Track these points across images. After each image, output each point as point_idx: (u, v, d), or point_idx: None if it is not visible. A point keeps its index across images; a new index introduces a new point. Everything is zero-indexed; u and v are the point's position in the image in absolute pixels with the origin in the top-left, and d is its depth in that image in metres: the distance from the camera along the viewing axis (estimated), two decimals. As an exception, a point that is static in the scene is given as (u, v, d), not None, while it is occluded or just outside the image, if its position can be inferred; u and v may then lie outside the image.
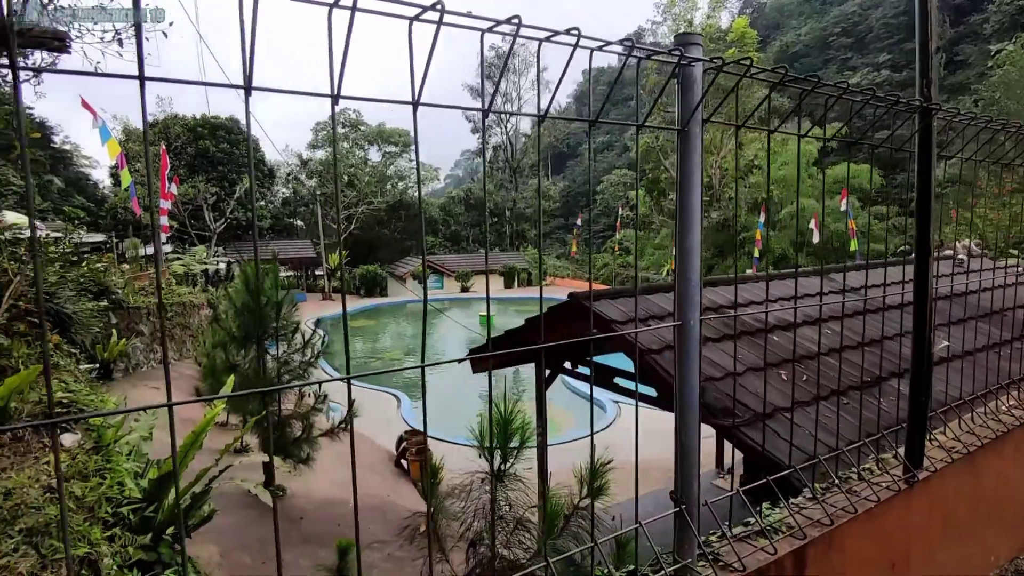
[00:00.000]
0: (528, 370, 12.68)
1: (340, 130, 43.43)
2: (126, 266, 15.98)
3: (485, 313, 27.64)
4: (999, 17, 42.40)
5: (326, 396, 7.86)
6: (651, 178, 37.22)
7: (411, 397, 16.30)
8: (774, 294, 7.13)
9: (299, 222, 41.80)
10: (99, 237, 22.95)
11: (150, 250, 22.89)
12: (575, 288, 36.72)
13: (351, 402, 1.14)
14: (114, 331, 11.33)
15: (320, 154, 41.43)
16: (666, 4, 38.15)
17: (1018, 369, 4.10)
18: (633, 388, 6.46)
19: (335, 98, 0.92)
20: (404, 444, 9.77)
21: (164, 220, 18.34)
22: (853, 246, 19.25)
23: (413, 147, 48.58)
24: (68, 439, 3.83)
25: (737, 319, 6.16)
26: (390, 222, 44.37)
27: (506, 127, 49.31)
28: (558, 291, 37.85)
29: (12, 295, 4.83)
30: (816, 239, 24.12)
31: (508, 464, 2.93)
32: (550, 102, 1.11)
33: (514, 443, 3.07)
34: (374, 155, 45.56)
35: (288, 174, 40.86)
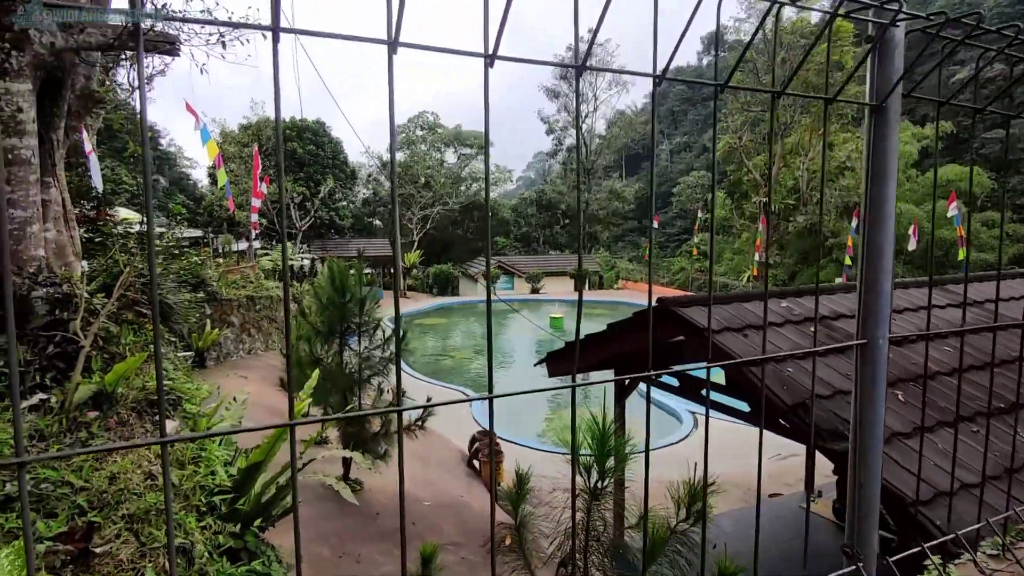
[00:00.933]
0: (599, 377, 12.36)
1: (418, 132, 44.49)
2: (220, 260, 16.93)
3: (555, 315, 27.23)
4: None
5: (404, 392, 7.89)
6: (732, 180, 35.74)
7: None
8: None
9: (378, 222, 43.15)
10: (197, 232, 24.51)
11: (242, 245, 24.21)
12: (654, 293, 35.98)
13: (491, 426, 0.98)
14: (208, 321, 11.96)
15: (400, 156, 42.54)
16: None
17: None
18: (723, 401, 6.03)
19: (489, 58, 0.77)
20: (476, 445, 9.72)
21: (255, 217, 19.31)
22: (961, 255, 17.62)
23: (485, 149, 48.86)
24: (169, 425, 3.96)
25: (837, 330, 5.66)
26: (463, 222, 44.99)
27: (581, 127, 48.83)
28: (629, 295, 37.04)
29: (122, 284, 5.11)
30: (912, 246, 22.31)
31: (605, 482, 2.72)
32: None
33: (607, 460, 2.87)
34: (450, 157, 46.36)
35: (369, 175, 42.23)
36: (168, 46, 5.57)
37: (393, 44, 0.72)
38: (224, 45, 7.52)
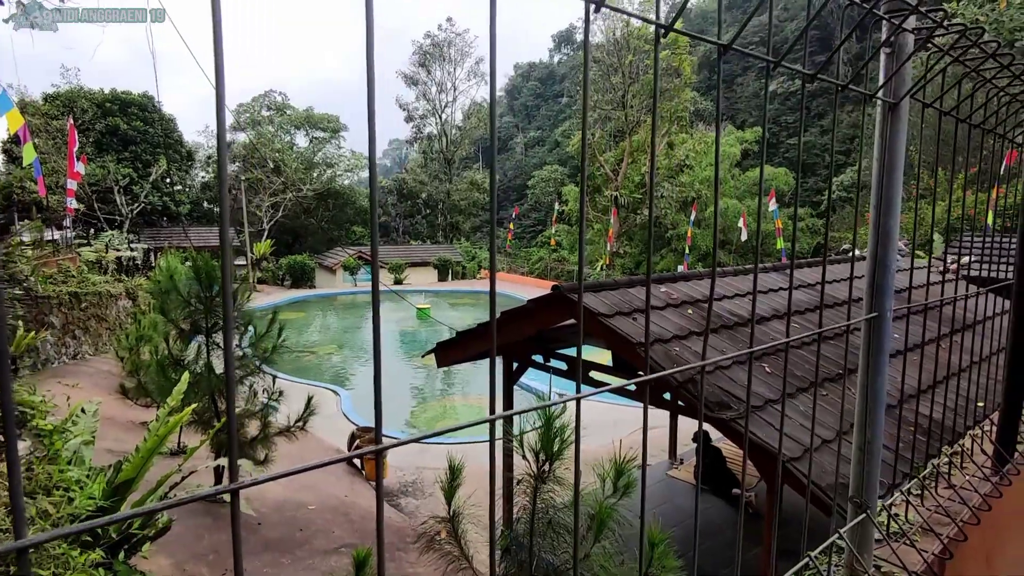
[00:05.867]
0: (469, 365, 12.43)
1: (264, 113, 41.25)
2: (29, 252, 14.38)
3: (421, 306, 26.90)
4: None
5: (281, 393, 7.37)
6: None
7: (350, 391, 15.71)
8: (738, 288, 7.25)
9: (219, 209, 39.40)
10: (-10, 219, 20.53)
11: (57, 234, 20.79)
12: (512, 282, 36.52)
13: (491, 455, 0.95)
14: (20, 323, 10.14)
15: (243, 137, 39.19)
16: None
17: None
18: (610, 382, 6.39)
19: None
20: (357, 442, 9.35)
21: (71, 202, 16.73)
22: (780, 244, 20.36)
23: (341, 133, 47.04)
24: (20, 447, 3.31)
25: (712, 312, 6.27)
26: (318, 210, 42.72)
27: (440, 116, 48.50)
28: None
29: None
30: (744, 237, 25.34)
31: (553, 464, 2.76)
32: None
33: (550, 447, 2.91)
34: (301, 140, 43.62)
35: (209, 157, 38.35)
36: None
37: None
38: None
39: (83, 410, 5.09)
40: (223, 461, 5.90)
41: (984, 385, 2.57)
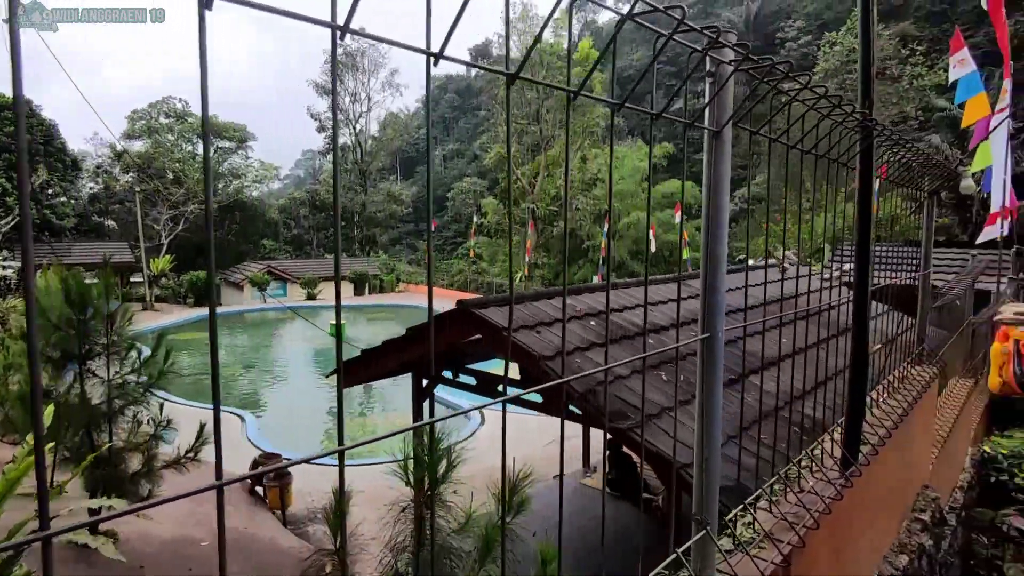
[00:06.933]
0: (387, 382, 12.13)
1: (163, 121, 38.74)
2: None
3: (334, 322, 26.30)
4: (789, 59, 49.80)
5: (169, 421, 6.84)
6: (503, 187, 38.14)
7: (256, 415, 14.91)
8: (639, 299, 7.48)
9: (112, 222, 36.50)
10: None
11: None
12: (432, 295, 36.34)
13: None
14: None
15: (139, 145, 36.60)
16: (514, 19, 39.48)
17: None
18: (515, 393, 6.48)
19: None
20: (260, 469, 8.84)
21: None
22: (686, 254, 21.36)
23: (248, 143, 44.94)
24: None
25: (611, 323, 6.44)
26: (224, 223, 40.53)
27: (355, 127, 47.47)
28: (411, 298, 37.15)
29: None
30: (653, 248, 26.41)
31: (435, 489, 2.69)
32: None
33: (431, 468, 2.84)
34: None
35: (98, 167, 35.48)
36: None
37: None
38: None
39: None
40: (102, 501, 5.38)
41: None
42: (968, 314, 7.36)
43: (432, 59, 0.71)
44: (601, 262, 28.44)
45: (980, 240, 9.85)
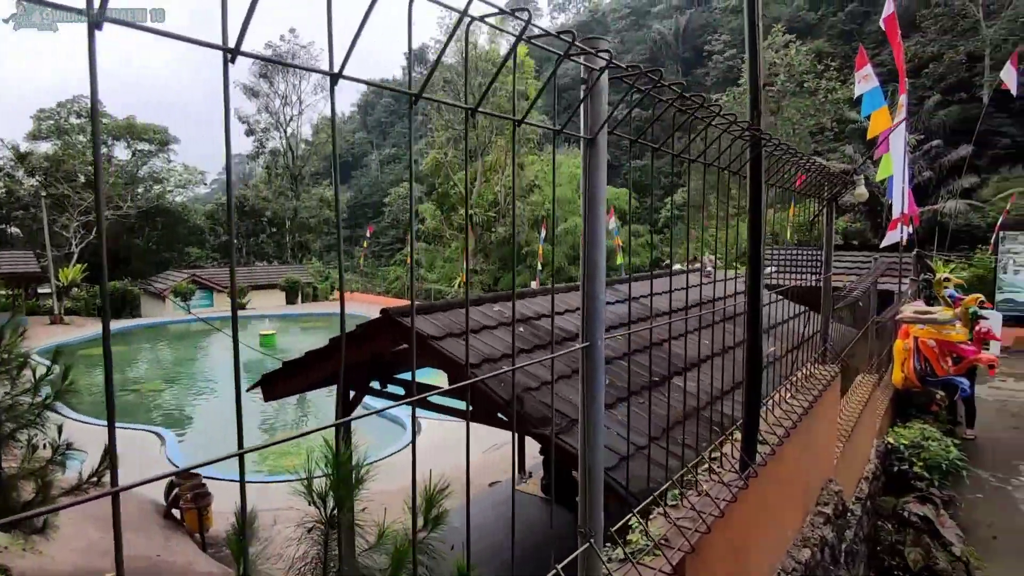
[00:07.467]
0: (319, 394, 11.73)
1: (74, 121, 36.27)
2: None
3: (266, 332, 25.18)
4: (716, 72, 51.96)
5: (69, 445, 6.33)
6: (441, 192, 37.92)
7: (177, 434, 14.11)
8: (569, 304, 7.55)
9: (15, 229, 33.80)
10: None
11: None
12: (368, 302, 35.52)
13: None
14: None
15: (45, 147, 34.12)
16: (448, 25, 39.41)
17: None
18: (443, 403, 6.33)
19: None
20: (176, 491, 8.34)
21: None
22: (620, 259, 21.83)
23: (171, 146, 42.65)
24: None
25: (541, 329, 6.46)
26: (143, 230, 38.35)
27: (285, 130, 45.99)
28: (348, 306, 36.19)
29: None
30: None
31: (339, 509, 2.57)
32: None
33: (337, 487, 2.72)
34: (120, 153, 38.96)
35: (-1, 168, 32.85)
36: None
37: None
38: None
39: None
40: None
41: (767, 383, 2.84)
42: (872, 314, 7.83)
43: (332, 79, 0.67)
44: (540, 268, 28.68)
45: (884, 244, 10.54)
